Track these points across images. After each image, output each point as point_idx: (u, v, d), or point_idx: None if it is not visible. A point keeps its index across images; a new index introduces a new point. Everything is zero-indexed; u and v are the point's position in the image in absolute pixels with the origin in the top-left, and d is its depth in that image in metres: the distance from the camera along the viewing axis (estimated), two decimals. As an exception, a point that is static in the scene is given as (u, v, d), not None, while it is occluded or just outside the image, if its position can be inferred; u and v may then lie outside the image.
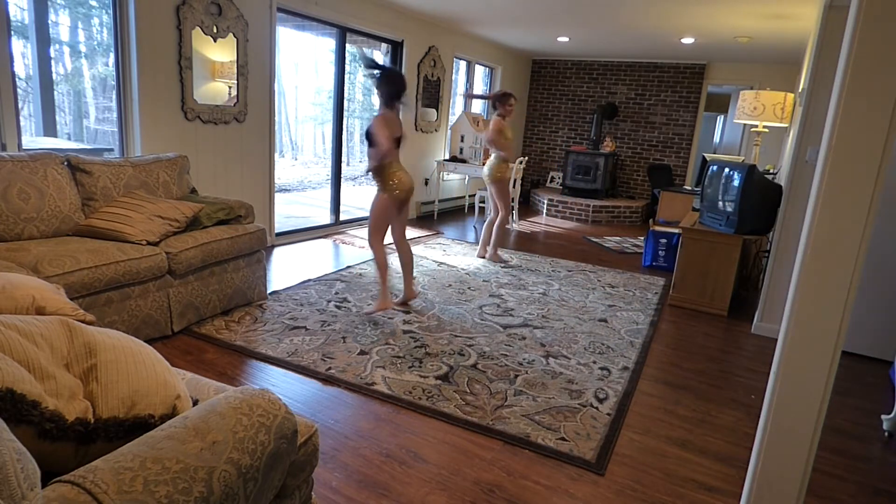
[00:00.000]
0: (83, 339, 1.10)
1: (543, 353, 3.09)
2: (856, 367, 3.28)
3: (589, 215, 7.71)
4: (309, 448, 1.28)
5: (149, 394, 1.07)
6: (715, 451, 2.28)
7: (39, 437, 0.90)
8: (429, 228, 6.37)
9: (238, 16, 4.24)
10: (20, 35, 4.25)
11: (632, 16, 5.39)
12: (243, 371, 2.69)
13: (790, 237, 3.42)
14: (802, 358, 1.48)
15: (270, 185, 4.93)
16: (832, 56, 3.11)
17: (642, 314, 3.87)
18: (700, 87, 7.98)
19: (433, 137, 7.14)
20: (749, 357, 3.32)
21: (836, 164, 1.37)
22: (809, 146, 3.29)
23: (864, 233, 1.37)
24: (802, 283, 1.45)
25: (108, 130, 6.36)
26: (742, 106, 5.02)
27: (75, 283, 2.41)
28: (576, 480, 2.01)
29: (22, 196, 2.69)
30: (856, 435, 2.52)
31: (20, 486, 0.72)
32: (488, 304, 3.84)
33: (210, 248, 3.08)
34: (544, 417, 2.41)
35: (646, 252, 5.33)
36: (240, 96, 4.41)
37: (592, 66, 8.68)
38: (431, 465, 2.04)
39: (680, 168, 8.26)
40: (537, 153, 9.39)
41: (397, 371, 2.74)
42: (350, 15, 5.39)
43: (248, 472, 0.99)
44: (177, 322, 2.97)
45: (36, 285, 1.47)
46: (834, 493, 2.08)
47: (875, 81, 1.31)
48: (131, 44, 3.62)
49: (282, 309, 3.46)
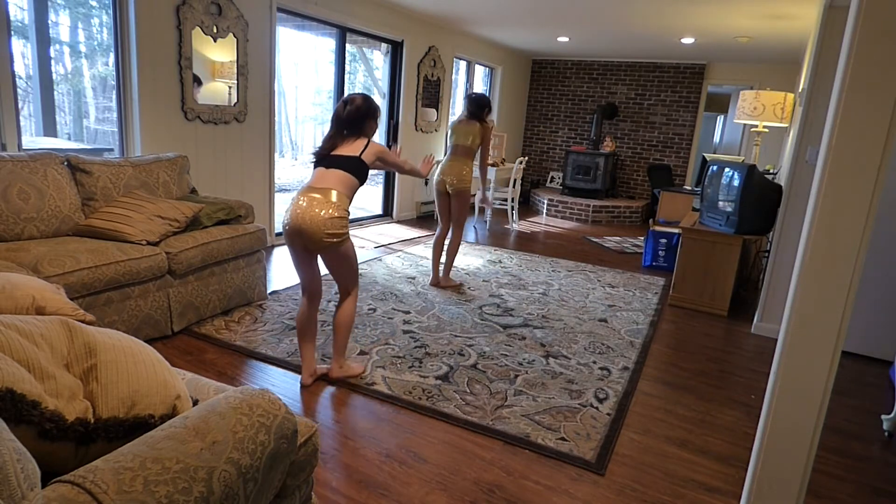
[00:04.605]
0: (83, 339, 1.10)
1: (543, 353, 3.09)
2: (856, 367, 3.28)
3: (589, 215, 7.71)
4: (309, 448, 1.28)
5: (149, 394, 1.07)
6: (715, 451, 2.28)
7: (39, 437, 0.90)
8: (429, 228, 6.37)
9: (238, 16, 4.24)
10: (20, 35, 4.25)
11: (632, 16, 5.39)
12: (243, 371, 2.69)
13: (790, 237, 3.42)
14: (802, 358, 1.48)
15: (270, 185, 4.93)
16: (832, 56, 3.11)
17: (642, 314, 3.87)
18: (700, 87, 7.98)
19: (433, 137, 7.14)
20: (749, 357, 3.32)
21: (836, 164, 1.37)
22: (809, 146, 3.29)
23: (864, 233, 1.37)
24: (802, 283, 1.45)
25: (108, 130, 6.36)
26: (742, 106, 5.02)
27: (75, 283, 2.41)
28: (576, 480, 2.01)
29: (22, 196, 2.69)
30: (856, 435, 2.52)
31: (20, 486, 0.72)
32: (488, 304, 3.84)
33: (210, 248, 3.07)
34: (544, 417, 2.41)
35: (646, 252, 5.33)
36: (240, 96, 4.41)
37: (592, 66, 8.68)
38: (431, 465, 2.04)
39: (680, 168, 8.26)
40: (537, 153, 9.39)
41: (397, 371, 2.74)
42: (350, 15, 5.39)
43: (248, 472, 0.99)
44: (177, 322, 2.97)
45: (36, 285, 1.47)
46: (834, 493, 2.08)
47: (875, 81, 1.31)
48: (131, 44, 3.62)
49: (282, 309, 3.45)
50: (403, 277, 4.32)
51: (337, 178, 2.40)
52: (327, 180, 2.39)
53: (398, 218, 6.80)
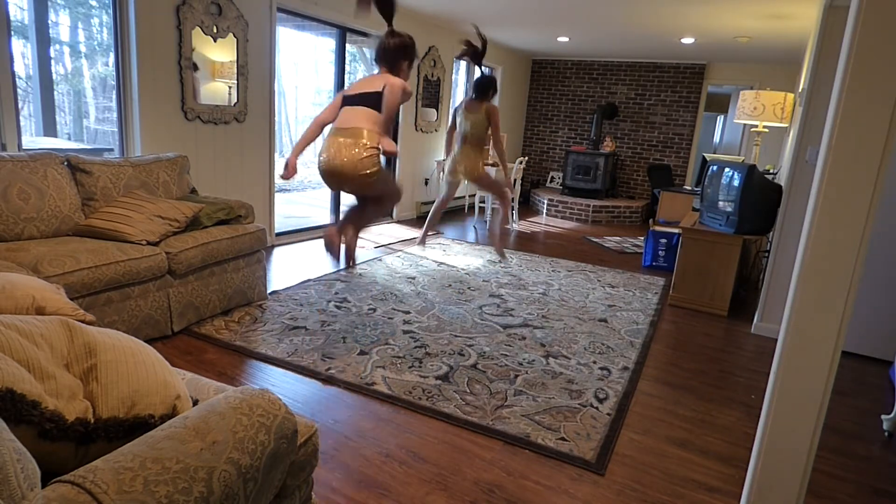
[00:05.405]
0: (83, 339, 1.10)
1: (543, 353, 3.09)
2: (856, 367, 3.28)
3: (589, 215, 7.71)
4: (309, 448, 1.28)
5: (149, 394, 1.07)
6: (715, 451, 2.28)
7: (39, 437, 0.90)
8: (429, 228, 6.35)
9: (238, 16, 4.24)
10: (20, 35, 4.25)
11: (632, 16, 5.39)
12: (243, 371, 2.69)
13: (790, 237, 3.42)
14: (802, 358, 1.48)
15: (270, 185, 4.92)
16: (832, 56, 3.11)
17: (642, 314, 3.87)
18: (700, 87, 7.98)
19: (433, 137, 7.14)
20: (749, 357, 3.32)
21: (836, 164, 1.37)
22: (809, 146, 3.29)
23: (864, 233, 1.37)
24: (802, 283, 1.45)
25: (108, 130, 6.36)
26: (742, 106, 5.02)
27: (75, 283, 2.41)
28: (576, 480, 2.01)
29: (22, 196, 2.69)
30: (856, 435, 2.52)
31: (20, 486, 0.72)
32: (488, 304, 3.84)
33: (210, 248, 3.07)
34: (544, 417, 2.41)
35: (646, 252, 5.33)
36: (240, 96, 4.41)
37: (592, 66, 8.68)
38: (431, 465, 2.04)
39: (680, 168, 8.26)
40: (537, 153, 9.39)
41: (397, 371, 2.74)
42: (350, 15, 5.38)
43: (248, 472, 0.99)
44: (177, 322, 2.97)
45: (36, 285, 1.47)
46: (834, 493, 2.08)
47: (875, 81, 1.31)
48: (131, 44, 3.62)
49: (282, 309, 3.46)
50: (403, 277, 4.32)
51: (364, 115, 2.43)
52: (353, 119, 2.43)
53: (398, 218, 6.80)
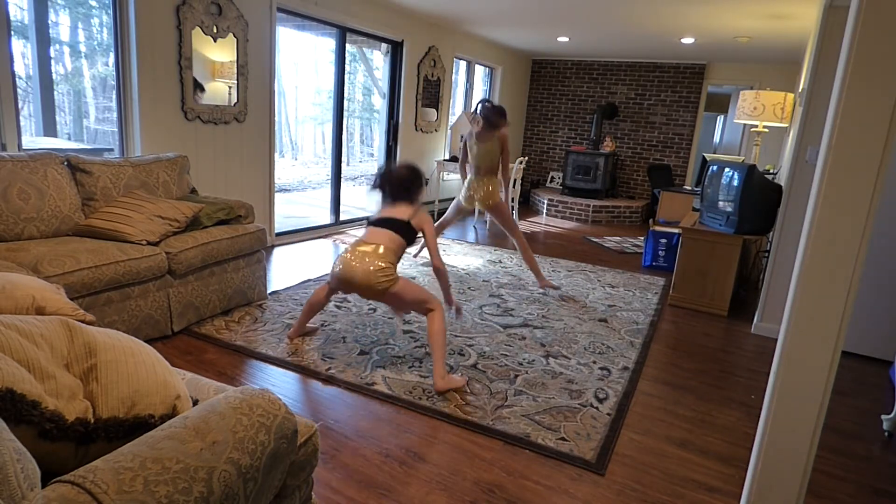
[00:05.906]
0: (83, 339, 1.10)
1: (543, 353, 3.09)
2: (856, 367, 3.28)
3: (589, 215, 7.71)
4: (309, 448, 1.28)
5: (149, 394, 1.07)
6: (715, 451, 2.28)
7: (39, 437, 0.90)
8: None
9: (238, 16, 4.24)
10: (20, 35, 4.25)
11: (632, 16, 5.39)
12: (243, 371, 2.69)
13: (790, 237, 3.42)
14: (802, 358, 1.48)
15: (270, 185, 4.93)
16: (832, 56, 3.11)
17: (642, 314, 3.87)
18: (700, 87, 7.98)
19: (433, 137, 7.14)
20: (749, 357, 3.32)
21: (836, 164, 1.37)
22: (809, 146, 3.29)
23: (864, 233, 1.37)
24: (802, 283, 1.45)
25: (108, 130, 6.36)
26: (742, 106, 5.02)
27: (75, 283, 2.41)
28: (576, 480, 2.01)
29: (22, 196, 2.69)
30: (856, 435, 2.52)
31: (20, 487, 0.72)
32: (488, 304, 3.84)
33: (210, 248, 3.07)
34: (544, 417, 2.41)
35: (646, 252, 5.33)
36: (240, 96, 4.41)
37: (592, 66, 8.68)
38: (431, 465, 2.04)
39: (680, 168, 8.26)
40: (537, 153, 9.39)
41: (397, 371, 2.74)
42: (350, 15, 5.38)
43: (248, 472, 0.99)
44: (177, 322, 2.97)
45: (36, 285, 1.47)
46: (834, 493, 2.08)
47: (875, 81, 1.31)
48: (131, 44, 3.62)
49: (282, 309, 3.46)
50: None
51: (387, 236, 2.71)
52: (377, 237, 2.71)
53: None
